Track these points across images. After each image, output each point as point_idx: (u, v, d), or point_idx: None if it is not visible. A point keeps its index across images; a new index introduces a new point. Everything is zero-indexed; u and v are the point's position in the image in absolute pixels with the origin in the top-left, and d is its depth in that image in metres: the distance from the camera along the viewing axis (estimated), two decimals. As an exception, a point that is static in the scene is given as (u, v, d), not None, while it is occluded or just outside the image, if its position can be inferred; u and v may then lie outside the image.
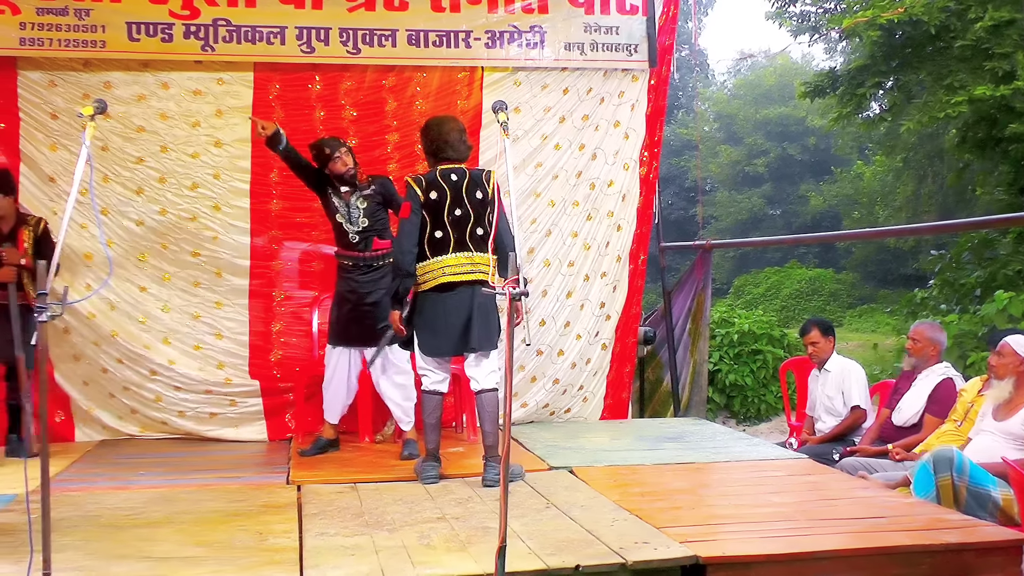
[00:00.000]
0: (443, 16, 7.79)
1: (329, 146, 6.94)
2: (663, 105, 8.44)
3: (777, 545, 4.65)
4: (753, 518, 5.17)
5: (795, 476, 6.25)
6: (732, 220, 36.42)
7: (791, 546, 4.64)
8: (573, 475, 6.22)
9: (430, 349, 6.19)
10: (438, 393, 6.22)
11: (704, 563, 4.41)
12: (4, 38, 7.34)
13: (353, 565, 4.44)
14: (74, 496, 5.85)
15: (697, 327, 9.35)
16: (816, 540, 4.72)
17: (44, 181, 7.54)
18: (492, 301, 6.05)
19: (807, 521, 5.09)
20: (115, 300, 7.65)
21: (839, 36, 19.90)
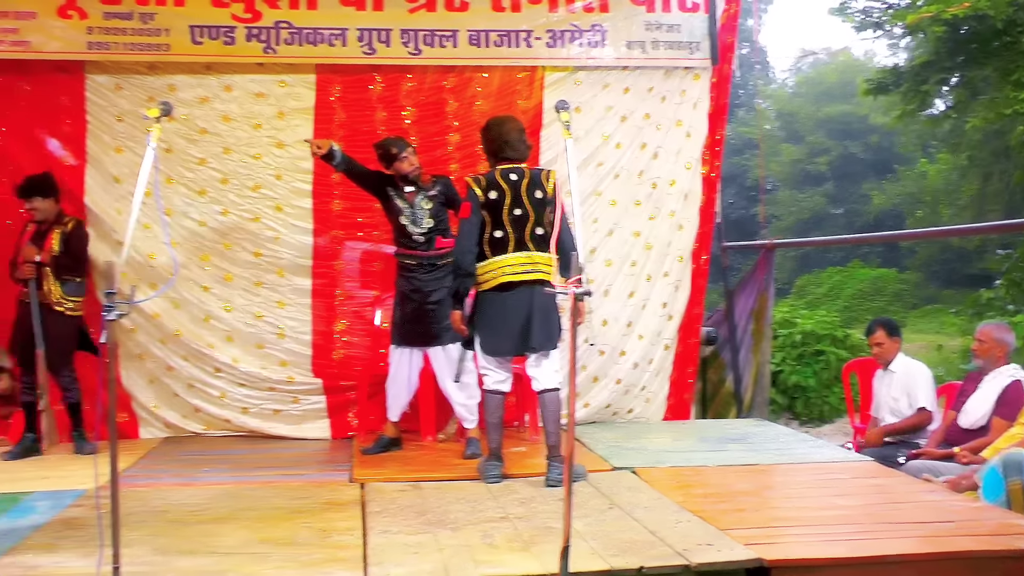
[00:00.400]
0: (504, 16, 7.81)
1: (396, 146, 6.96)
2: (725, 103, 8.40)
3: (842, 549, 4.61)
4: (818, 521, 5.12)
5: (860, 479, 6.18)
6: (793, 219, 36.06)
7: (857, 550, 4.59)
8: (636, 476, 6.19)
9: (491, 348, 6.19)
10: (500, 392, 6.22)
11: (768, 566, 4.37)
12: (73, 42, 7.49)
13: (416, 563, 4.46)
14: (141, 492, 5.93)
15: (760, 327, 9.26)
16: (882, 544, 4.66)
17: (109, 182, 7.66)
18: (552, 301, 6.03)
19: (872, 524, 5.03)
20: (179, 299, 7.75)
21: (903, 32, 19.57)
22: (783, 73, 45.26)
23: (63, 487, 6.06)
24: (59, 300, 7.03)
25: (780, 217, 36.38)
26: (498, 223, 6.07)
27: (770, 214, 35.71)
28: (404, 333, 7.08)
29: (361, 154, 7.28)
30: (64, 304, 7.06)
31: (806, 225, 35.31)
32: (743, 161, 34.75)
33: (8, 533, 5.08)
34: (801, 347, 13.56)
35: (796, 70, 44.20)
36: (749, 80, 34.92)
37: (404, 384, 7.13)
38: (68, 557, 4.66)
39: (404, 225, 6.99)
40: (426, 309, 6.98)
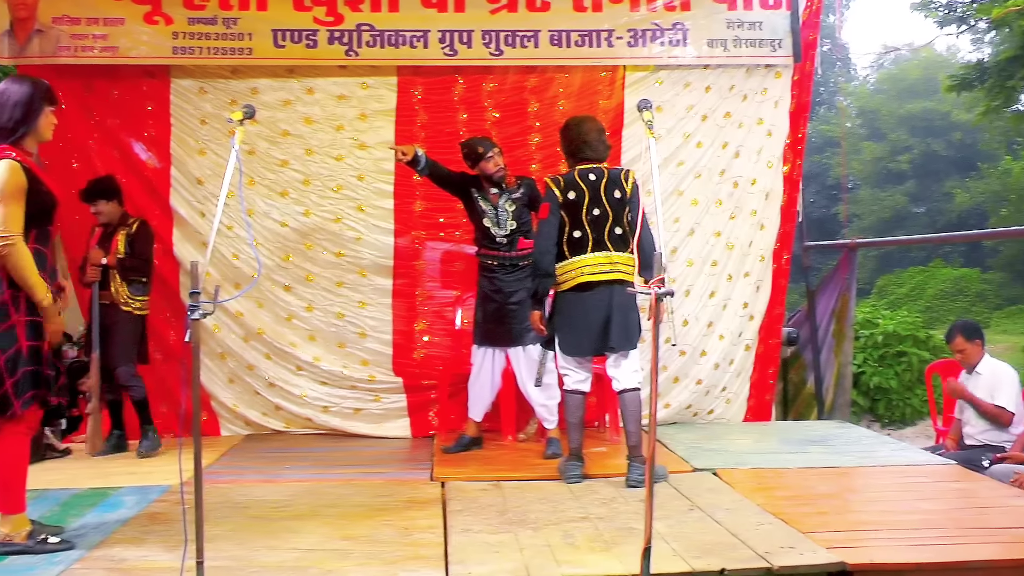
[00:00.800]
0: (585, 16, 7.80)
1: (482, 145, 6.97)
2: (807, 101, 8.31)
3: (926, 554, 4.55)
4: (901, 525, 5.05)
5: (944, 482, 6.09)
6: (875, 218, 35.60)
7: (941, 555, 4.53)
8: (717, 477, 6.16)
9: (570, 348, 6.18)
10: (580, 392, 6.21)
11: (851, 570, 4.34)
12: (158, 48, 7.63)
13: (498, 562, 4.47)
14: (224, 488, 6.03)
15: (841, 328, 9.16)
16: (968, 549, 4.60)
17: (193, 184, 7.80)
18: (632, 300, 6.02)
19: (957, 530, 4.96)
20: (262, 299, 7.88)
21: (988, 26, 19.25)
22: (864, 70, 44.65)
23: (149, 483, 6.18)
24: (126, 300, 7.11)
25: (861, 216, 35.96)
26: (577, 223, 6.07)
27: (851, 213, 35.32)
28: (485, 333, 7.10)
29: (443, 156, 7.33)
30: (131, 304, 7.13)
31: (887, 224, 34.84)
32: (824, 159, 34.39)
33: (97, 527, 5.19)
34: (883, 348, 13.34)
35: (878, 67, 43.56)
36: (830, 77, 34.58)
37: (487, 384, 7.15)
38: (153, 551, 4.75)
39: (487, 227, 7.00)
40: (507, 310, 6.99)
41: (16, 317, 4.64)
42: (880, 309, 15.95)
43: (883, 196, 36.04)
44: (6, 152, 4.64)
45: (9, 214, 4.57)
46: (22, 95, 4.76)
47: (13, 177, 4.58)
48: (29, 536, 4.76)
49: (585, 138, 6.16)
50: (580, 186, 6.06)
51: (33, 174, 4.69)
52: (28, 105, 4.76)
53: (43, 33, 7.53)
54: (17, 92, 4.76)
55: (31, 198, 4.66)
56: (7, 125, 4.72)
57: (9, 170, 4.58)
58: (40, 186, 4.72)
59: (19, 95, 4.75)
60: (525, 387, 7.05)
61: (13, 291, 4.63)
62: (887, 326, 13.53)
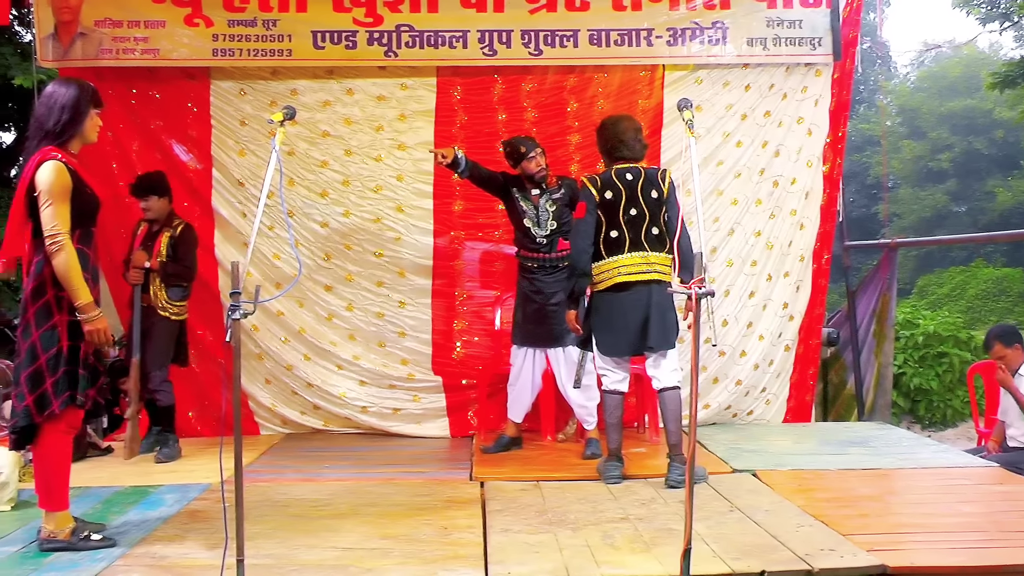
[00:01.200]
0: (624, 15, 7.78)
1: (525, 145, 6.97)
2: (847, 100, 8.25)
3: (968, 557, 4.52)
4: (942, 528, 5.02)
5: (985, 485, 6.05)
6: (915, 217, 35.31)
7: (982, 559, 4.51)
8: (756, 478, 6.14)
9: (608, 349, 6.18)
10: (618, 392, 6.20)
11: (892, 573, 4.32)
12: (199, 50, 7.69)
13: (537, 562, 4.49)
14: (263, 487, 6.08)
15: (882, 328, 9.10)
16: (1010, 553, 4.56)
17: (234, 185, 7.86)
18: (670, 300, 6.00)
19: (999, 533, 4.92)
20: (302, 298, 7.93)
21: (1031, 23, 19.09)
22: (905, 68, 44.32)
23: (189, 480, 6.26)
24: (163, 305, 7.07)
25: (901, 215, 35.67)
26: (613, 223, 6.06)
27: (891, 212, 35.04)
28: (525, 334, 7.10)
29: (482, 156, 7.36)
30: (168, 309, 7.08)
31: (928, 223, 34.54)
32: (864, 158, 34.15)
33: (138, 524, 5.26)
34: (923, 349, 13.25)
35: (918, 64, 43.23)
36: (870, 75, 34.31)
37: (527, 385, 7.16)
38: (194, 548, 4.81)
39: (528, 227, 7.00)
40: (548, 310, 6.98)
41: (58, 317, 4.70)
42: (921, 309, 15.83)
43: (924, 195, 35.74)
44: (52, 154, 4.69)
45: (57, 214, 4.63)
46: (69, 98, 4.81)
47: (60, 178, 4.64)
48: (72, 533, 4.83)
49: (621, 137, 6.15)
50: (617, 186, 6.05)
51: (78, 175, 4.75)
52: (75, 108, 4.81)
53: (86, 36, 7.60)
54: (64, 95, 4.81)
55: (76, 199, 4.71)
56: (54, 128, 4.77)
57: (56, 171, 4.64)
58: (85, 187, 4.78)
59: (66, 98, 4.80)
60: (564, 388, 7.05)
61: (56, 291, 4.69)
62: (928, 327, 13.43)
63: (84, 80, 5.04)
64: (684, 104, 5.16)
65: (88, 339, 4.74)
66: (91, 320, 4.70)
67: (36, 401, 4.66)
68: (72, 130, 4.81)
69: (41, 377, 4.66)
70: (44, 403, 4.66)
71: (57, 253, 4.61)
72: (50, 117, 4.78)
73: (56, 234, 4.61)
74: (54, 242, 4.61)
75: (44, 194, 4.63)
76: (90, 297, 4.70)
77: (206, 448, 7.27)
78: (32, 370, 4.67)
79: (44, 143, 4.76)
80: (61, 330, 4.70)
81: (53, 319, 4.69)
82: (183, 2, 7.65)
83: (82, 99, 4.83)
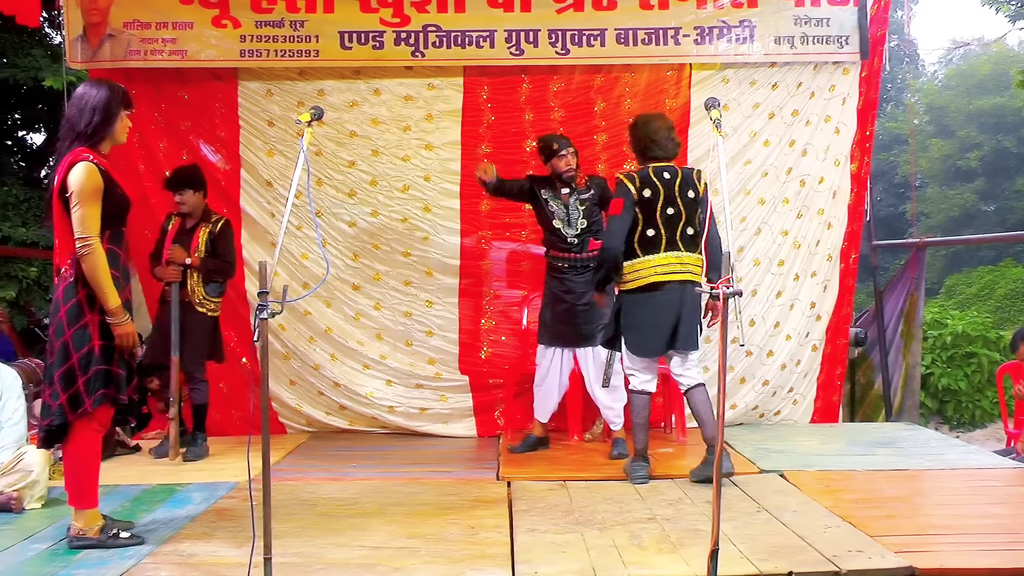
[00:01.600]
0: (652, 14, 7.77)
1: (558, 142, 6.96)
2: (875, 98, 8.20)
3: (997, 559, 4.49)
4: (971, 529, 4.99)
5: (1015, 486, 6.00)
6: (943, 217, 35.06)
7: (1012, 561, 4.46)
8: (784, 479, 6.11)
9: (639, 349, 6.16)
10: (646, 393, 6.19)
11: (920, 575, 4.29)
12: (227, 51, 7.73)
13: (564, 562, 4.48)
14: (291, 485, 6.11)
15: (909, 328, 9.06)
16: (1040, 555, 4.53)
17: (263, 185, 7.90)
18: (699, 301, 5.99)
19: (1029, 535, 4.89)
20: (330, 298, 7.96)
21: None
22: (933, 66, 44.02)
23: (217, 479, 6.29)
24: (201, 301, 7.06)
25: (929, 215, 35.43)
26: (650, 222, 6.02)
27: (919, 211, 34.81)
28: (554, 334, 7.07)
29: (509, 155, 7.44)
30: (206, 305, 7.09)
31: (956, 222, 34.29)
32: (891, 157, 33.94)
33: (166, 522, 5.29)
34: (952, 349, 13.20)
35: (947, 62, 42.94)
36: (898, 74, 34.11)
37: (554, 385, 7.15)
38: (222, 546, 4.84)
39: (557, 227, 6.97)
40: (577, 310, 6.95)
41: (89, 316, 4.73)
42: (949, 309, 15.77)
43: (952, 194, 35.48)
44: (84, 155, 4.72)
45: (87, 215, 4.66)
46: (100, 99, 4.83)
47: (91, 179, 4.67)
48: (101, 531, 4.86)
49: (653, 137, 6.12)
50: (656, 184, 6.02)
51: (109, 176, 4.77)
52: (106, 109, 4.83)
53: (114, 38, 7.65)
54: (95, 96, 4.83)
55: (107, 199, 4.74)
56: (86, 130, 4.80)
57: (87, 172, 4.67)
58: (115, 187, 4.80)
59: (97, 99, 4.83)
60: (592, 388, 7.04)
61: (88, 291, 4.72)
62: (956, 326, 13.38)
63: (114, 82, 5.06)
64: (711, 103, 5.15)
65: (118, 342, 4.77)
66: (119, 324, 4.73)
67: (69, 400, 4.70)
68: (103, 131, 4.83)
69: (73, 376, 4.70)
70: (77, 401, 4.70)
71: (87, 256, 4.65)
72: (81, 118, 4.80)
73: (86, 237, 4.64)
74: (84, 245, 4.64)
75: (75, 195, 4.66)
76: (118, 301, 4.73)
77: (233, 447, 7.31)
78: (65, 369, 4.70)
79: (75, 144, 4.79)
80: (93, 329, 4.73)
81: (85, 318, 4.72)
82: (211, 3, 7.69)
83: (113, 100, 4.86)
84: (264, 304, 3.98)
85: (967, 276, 29.87)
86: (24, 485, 5.60)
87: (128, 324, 4.78)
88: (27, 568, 4.58)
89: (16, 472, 5.61)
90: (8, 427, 5.79)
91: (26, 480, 5.60)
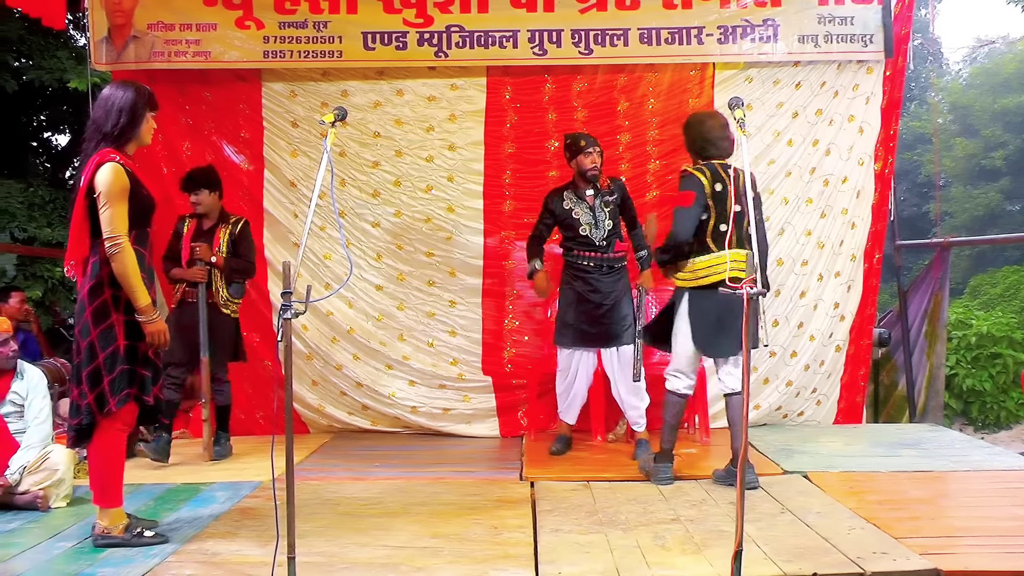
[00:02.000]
0: (675, 13, 7.75)
1: (585, 140, 6.90)
2: (899, 97, 8.17)
3: (1023, 562, 4.46)
4: (997, 531, 4.96)
5: (1040, 488, 5.97)
6: (967, 216, 34.84)
7: (1038, 563, 4.44)
8: (808, 480, 6.10)
9: (711, 349, 6.06)
10: (684, 395, 6.14)
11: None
12: (250, 52, 7.75)
13: (588, 563, 4.49)
14: (314, 485, 6.13)
15: (934, 329, 9.01)
16: (1067, 558, 4.50)
17: (286, 186, 7.93)
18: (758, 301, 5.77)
19: (1056, 537, 4.85)
20: (352, 299, 7.98)
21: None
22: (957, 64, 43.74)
23: (240, 479, 6.31)
24: (224, 302, 7.05)
25: (953, 214, 35.23)
26: (723, 217, 5.90)
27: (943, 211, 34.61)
28: (579, 335, 7.00)
29: (531, 155, 7.44)
30: (229, 306, 7.09)
31: (980, 222, 34.08)
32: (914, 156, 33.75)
33: (190, 521, 5.32)
34: (976, 349, 13.10)
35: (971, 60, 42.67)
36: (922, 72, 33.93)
37: (583, 386, 7.11)
38: (246, 545, 4.87)
39: (585, 234, 6.89)
40: (604, 311, 6.91)
41: (115, 316, 4.76)
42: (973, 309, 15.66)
43: (976, 193, 35.26)
44: (110, 156, 4.75)
45: (116, 215, 4.70)
46: (127, 101, 4.87)
47: (118, 179, 4.71)
48: (126, 529, 4.91)
49: (707, 136, 6.04)
50: (724, 179, 5.89)
51: (134, 176, 4.81)
52: (132, 111, 4.87)
53: (139, 39, 7.69)
54: (122, 98, 4.87)
55: (132, 200, 4.77)
56: (112, 131, 4.84)
57: (114, 172, 4.70)
58: (141, 188, 4.84)
59: (123, 101, 4.86)
60: (618, 388, 7.00)
61: (114, 291, 4.76)
62: (981, 327, 13.28)
63: (140, 83, 5.09)
64: (735, 103, 5.12)
65: (148, 340, 4.80)
66: (151, 322, 4.77)
67: (96, 399, 4.74)
68: (129, 133, 4.87)
69: (99, 375, 4.74)
70: (103, 401, 4.74)
71: (116, 256, 4.68)
72: (108, 120, 4.84)
73: (115, 236, 4.68)
74: (113, 244, 4.68)
75: (103, 196, 4.70)
76: (149, 299, 4.77)
77: (257, 447, 7.34)
78: (91, 368, 4.75)
79: (102, 145, 4.82)
80: (118, 329, 4.76)
81: (110, 318, 4.76)
82: (234, 5, 7.72)
83: (139, 102, 4.89)
84: (288, 304, 3.99)
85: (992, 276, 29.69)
86: (50, 484, 5.66)
87: (159, 322, 4.82)
88: (53, 566, 4.62)
89: (42, 471, 5.68)
90: (34, 426, 5.85)
91: (52, 479, 5.66)
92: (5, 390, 5.86)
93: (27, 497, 5.63)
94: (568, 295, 7.05)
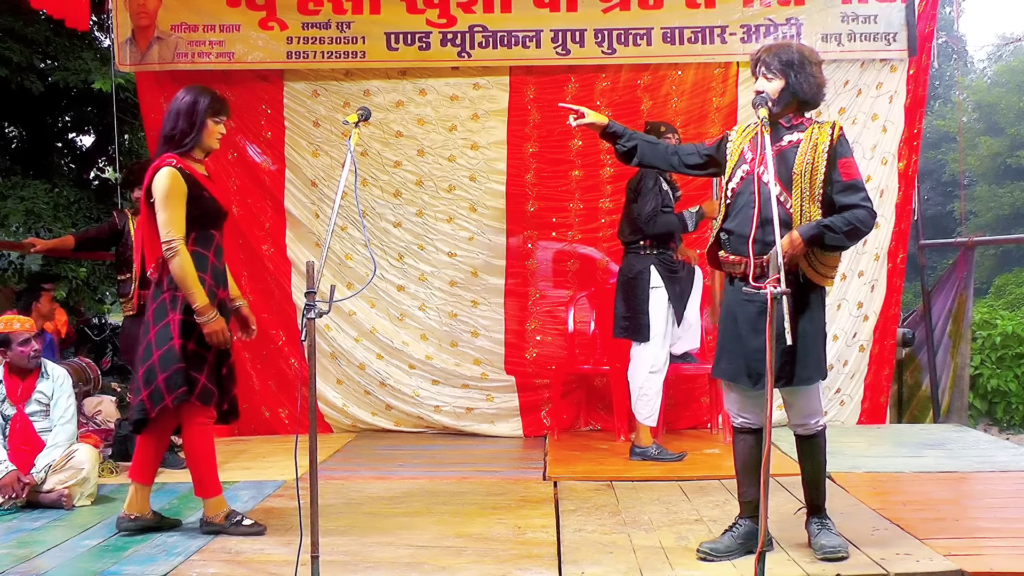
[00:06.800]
0: (698, 12, 7.75)
1: (665, 126, 6.88)
2: (923, 96, 8.12)
3: (1049, 563, 4.43)
4: (1021, 533, 4.93)
5: (1066, 489, 5.92)
6: (992, 216, 34.64)
7: (1064, 565, 4.40)
8: (831, 481, 6.02)
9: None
10: None
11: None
12: (273, 52, 7.80)
13: (611, 563, 4.48)
14: (338, 484, 6.15)
15: (958, 329, 8.96)
16: (1093, 560, 4.46)
17: (307, 185, 7.96)
18: None
19: (1082, 539, 4.81)
20: (375, 298, 8.01)
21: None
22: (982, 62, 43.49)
23: (264, 477, 6.35)
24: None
25: (978, 213, 35.02)
26: None
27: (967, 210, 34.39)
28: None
29: (555, 154, 7.46)
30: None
31: (1006, 221, 33.87)
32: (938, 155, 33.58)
33: (216, 520, 5.33)
34: (1001, 349, 13.00)
35: (996, 59, 42.42)
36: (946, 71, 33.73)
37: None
38: (269, 544, 4.88)
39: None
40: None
41: (172, 315, 4.84)
42: (998, 309, 15.55)
43: (1001, 192, 35.03)
44: (168, 160, 4.85)
45: (171, 220, 4.78)
46: (185, 105, 4.95)
47: (171, 183, 4.79)
48: (226, 518, 5.07)
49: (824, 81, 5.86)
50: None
51: (194, 180, 4.87)
52: (190, 116, 4.93)
53: (162, 40, 7.74)
54: (180, 102, 4.97)
55: (193, 203, 4.85)
56: (171, 135, 4.93)
57: (168, 177, 4.79)
58: (202, 191, 4.90)
59: (182, 105, 4.95)
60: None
61: (172, 291, 4.84)
62: (1006, 327, 13.18)
63: (209, 89, 5.13)
64: (759, 102, 5.09)
65: (207, 340, 4.85)
66: (207, 322, 4.81)
67: (150, 396, 4.81)
68: (189, 137, 4.93)
69: (154, 373, 4.81)
70: (157, 398, 4.80)
71: (172, 258, 4.76)
72: (168, 124, 4.95)
73: (171, 239, 4.76)
74: (169, 247, 4.76)
75: (157, 200, 4.80)
76: (206, 300, 4.81)
77: (280, 446, 7.36)
78: (147, 366, 4.83)
79: (163, 150, 4.93)
80: (174, 328, 4.82)
81: (167, 317, 4.84)
82: (257, 6, 7.76)
83: (198, 107, 4.95)
84: (311, 304, 4.01)
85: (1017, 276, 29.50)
86: (75, 482, 5.71)
87: (216, 322, 4.85)
88: (79, 563, 4.65)
89: (67, 470, 5.73)
90: (59, 425, 5.90)
91: (77, 478, 5.71)
92: (30, 389, 5.90)
93: (52, 496, 5.68)
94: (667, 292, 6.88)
